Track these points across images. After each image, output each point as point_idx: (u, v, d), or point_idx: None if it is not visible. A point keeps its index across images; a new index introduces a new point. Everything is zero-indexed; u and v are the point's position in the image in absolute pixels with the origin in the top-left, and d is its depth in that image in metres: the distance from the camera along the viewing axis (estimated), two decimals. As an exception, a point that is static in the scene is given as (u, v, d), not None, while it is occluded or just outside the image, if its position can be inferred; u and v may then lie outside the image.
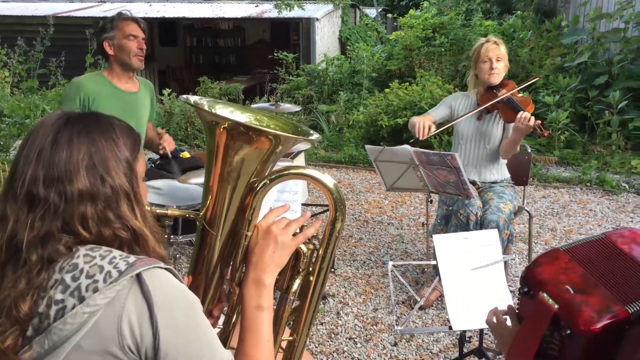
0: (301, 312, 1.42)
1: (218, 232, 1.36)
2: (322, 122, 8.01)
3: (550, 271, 1.31)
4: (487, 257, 2.20)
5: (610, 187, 5.45)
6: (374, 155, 3.30)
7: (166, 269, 1.12)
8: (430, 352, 3.04)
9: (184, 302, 1.11)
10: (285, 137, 1.31)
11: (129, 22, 3.14)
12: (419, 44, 8.60)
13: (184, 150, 4.57)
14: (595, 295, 1.22)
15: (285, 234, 1.30)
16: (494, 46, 3.42)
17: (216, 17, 11.75)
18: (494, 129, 3.50)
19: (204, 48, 14.45)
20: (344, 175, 6.26)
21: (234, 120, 1.29)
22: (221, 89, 9.04)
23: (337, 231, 1.37)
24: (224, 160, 1.31)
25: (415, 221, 4.82)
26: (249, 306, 1.28)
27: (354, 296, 3.62)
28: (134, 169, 1.17)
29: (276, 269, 1.31)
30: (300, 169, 1.36)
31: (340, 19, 12.25)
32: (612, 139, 6.33)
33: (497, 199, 3.35)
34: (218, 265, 1.40)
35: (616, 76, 6.80)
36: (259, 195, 1.33)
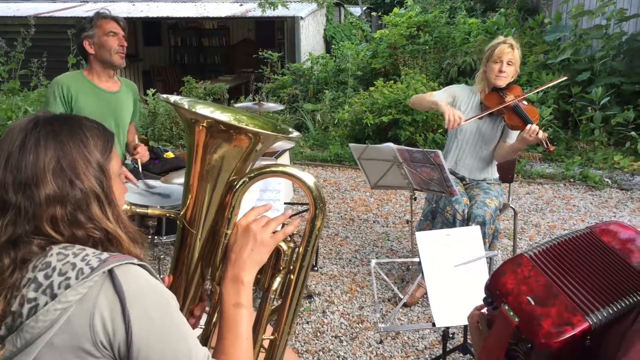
0: (282, 311, 1.42)
1: (198, 231, 1.35)
2: (308, 120, 8.00)
3: (512, 281, 1.30)
4: (470, 253, 2.21)
5: (594, 183, 5.50)
6: (357, 153, 3.30)
7: (140, 265, 1.12)
8: (416, 349, 3.05)
9: (158, 297, 1.10)
10: (264, 134, 1.31)
11: (108, 20, 3.12)
12: (403, 42, 8.62)
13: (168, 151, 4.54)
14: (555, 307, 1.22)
15: (264, 232, 1.30)
16: (509, 50, 3.34)
17: (200, 16, 11.69)
18: (493, 131, 3.49)
19: (188, 48, 14.37)
20: (329, 174, 6.26)
21: (213, 117, 1.28)
22: (206, 88, 9.00)
23: (317, 229, 1.36)
24: (204, 159, 1.30)
25: (400, 219, 4.83)
26: (228, 304, 1.28)
27: (340, 294, 3.61)
28: (106, 170, 1.17)
29: (255, 267, 1.31)
30: (280, 167, 1.35)
31: (325, 18, 12.24)
32: (595, 135, 6.39)
33: (484, 195, 3.37)
34: (199, 265, 1.39)
35: (598, 73, 6.87)
36: (238, 193, 1.32)
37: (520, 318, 1.23)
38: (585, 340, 1.18)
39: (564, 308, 1.21)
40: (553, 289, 1.26)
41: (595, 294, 1.25)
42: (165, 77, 13.16)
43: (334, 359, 3.00)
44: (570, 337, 1.16)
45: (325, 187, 5.79)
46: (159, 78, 13.04)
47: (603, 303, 1.23)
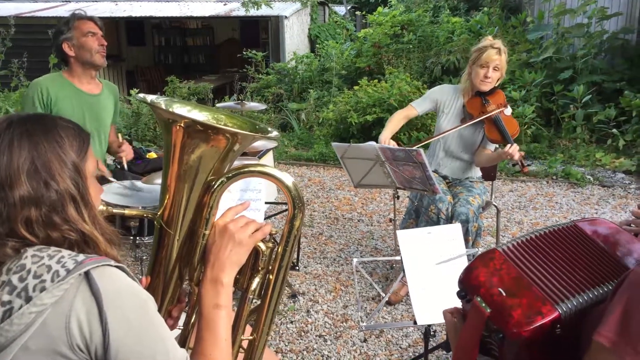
0: (261, 311, 1.41)
1: (176, 231, 1.34)
2: (292, 120, 7.99)
3: (484, 274, 1.33)
4: (451, 251, 2.21)
5: (576, 180, 5.55)
6: (340, 152, 3.30)
7: (117, 267, 1.11)
8: (400, 347, 3.06)
9: (136, 299, 1.09)
10: (242, 134, 1.30)
11: (84, 21, 3.09)
12: (387, 41, 8.65)
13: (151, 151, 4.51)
14: (526, 297, 1.25)
15: (243, 232, 1.29)
16: (497, 55, 3.31)
17: (184, 16, 11.63)
18: (473, 137, 3.50)
19: (172, 47, 14.29)
20: (314, 173, 6.26)
21: (190, 117, 1.27)
22: (190, 88, 8.96)
23: (296, 229, 1.35)
24: (181, 159, 1.29)
25: (385, 217, 4.84)
26: (207, 305, 1.27)
27: (324, 294, 3.61)
28: (82, 171, 1.15)
29: (234, 268, 1.30)
30: (259, 167, 1.34)
31: (309, 17, 12.23)
32: (577, 132, 6.45)
33: (467, 193, 3.39)
34: (177, 266, 1.38)
35: (580, 71, 6.94)
36: (216, 193, 1.31)
37: (492, 309, 1.25)
38: (555, 329, 1.20)
39: (534, 298, 1.24)
40: (524, 280, 1.29)
41: (568, 283, 1.28)
42: (150, 77, 13.07)
43: (318, 358, 3.00)
44: (540, 326, 1.19)
45: (309, 187, 5.79)
46: (143, 78, 12.96)
47: (574, 292, 1.25)
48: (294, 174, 6.25)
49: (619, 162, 5.85)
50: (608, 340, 1.09)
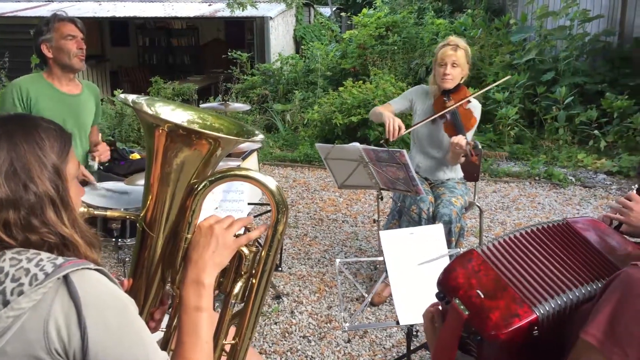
0: (244, 315, 1.40)
1: (159, 233, 1.33)
2: (278, 121, 7.99)
3: (462, 276, 1.34)
4: (434, 251, 2.23)
5: (558, 181, 5.60)
6: (324, 153, 3.31)
7: (97, 270, 1.09)
8: (383, 348, 3.07)
9: (116, 302, 1.08)
10: (225, 139, 1.30)
11: (65, 23, 3.05)
12: (372, 43, 8.67)
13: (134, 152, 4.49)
14: (504, 299, 1.25)
15: (227, 234, 1.29)
16: (452, 52, 3.35)
17: (168, 16, 11.57)
18: (440, 133, 3.53)
19: (157, 48, 14.20)
20: (299, 174, 6.26)
21: (174, 122, 1.26)
22: (174, 89, 8.91)
23: (280, 233, 1.35)
24: (164, 162, 1.29)
25: (369, 218, 4.85)
26: (188, 307, 1.26)
27: (308, 294, 3.61)
28: (62, 173, 1.14)
29: (216, 269, 1.29)
30: (243, 171, 1.34)
31: (294, 18, 12.23)
32: (560, 133, 6.51)
33: (449, 194, 3.41)
34: (159, 267, 1.37)
35: (562, 72, 7.00)
36: (199, 196, 1.30)
37: (470, 311, 1.26)
38: (533, 331, 1.21)
39: (512, 300, 1.25)
40: (502, 281, 1.30)
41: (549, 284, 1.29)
42: (134, 78, 12.99)
43: (302, 359, 3.00)
44: (517, 329, 1.20)
45: (294, 188, 5.79)
46: (127, 78, 12.87)
47: (554, 293, 1.26)
48: (278, 175, 6.25)
49: (601, 163, 5.92)
50: (595, 339, 1.10)
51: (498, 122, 6.71)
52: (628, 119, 6.21)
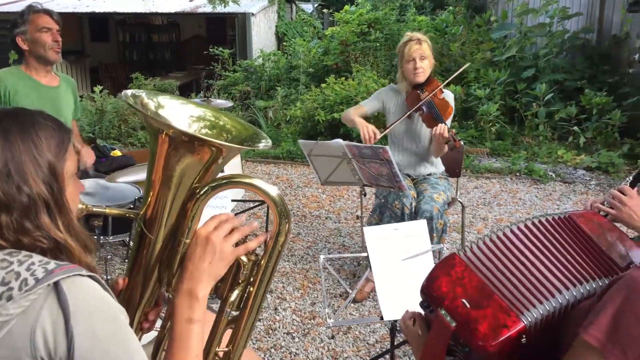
0: (239, 323, 1.37)
1: (159, 232, 1.30)
2: (260, 118, 7.96)
3: (447, 284, 1.31)
4: (417, 247, 2.24)
5: (538, 177, 5.66)
6: (307, 149, 3.31)
7: (89, 277, 1.07)
8: (367, 343, 3.08)
9: (105, 311, 1.05)
10: (230, 147, 1.27)
11: (40, 15, 3.02)
12: (354, 39, 8.68)
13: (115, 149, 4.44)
14: (490, 308, 1.23)
15: (225, 244, 1.24)
16: (417, 46, 3.41)
17: (149, 12, 11.47)
18: (422, 128, 3.55)
19: (137, 44, 14.08)
20: (282, 171, 6.25)
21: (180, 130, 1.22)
22: (155, 85, 8.84)
23: (281, 245, 1.32)
24: (166, 165, 1.26)
25: (352, 214, 4.86)
26: (180, 318, 1.23)
27: (292, 291, 3.62)
28: (58, 173, 1.10)
29: (212, 281, 1.26)
30: (245, 179, 1.30)
31: (276, 14, 12.19)
32: (540, 130, 6.58)
33: (431, 190, 3.43)
34: (156, 267, 1.34)
35: (542, 69, 7.08)
36: (200, 201, 1.27)
37: (457, 322, 1.24)
38: (521, 339, 1.20)
39: (498, 308, 1.23)
40: (487, 289, 1.27)
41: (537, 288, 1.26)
42: (114, 74, 12.86)
43: (286, 355, 3.00)
44: (506, 339, 1.19)
45: (277, 185, 5.78)
46: (107, 75, 12.74)
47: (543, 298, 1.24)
48: (261, 171, 6.24)
49: (580, 159, 5.99)
50: (597, 340, 1.09)
51: (479, 119, 6.76)
52: (607, 116, 6.29)
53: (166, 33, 14.01)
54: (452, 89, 6.82)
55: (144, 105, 1.30)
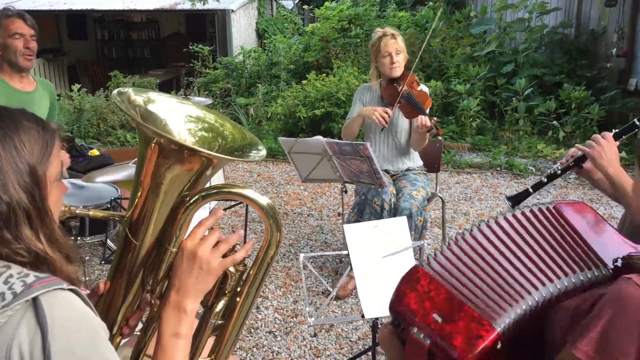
0: (224, 332, 1.35)
1: (145, 237, 1.28)
2: (241, 115, 7.92)
3: (415, 300, 1.29)
4: (397, 244, 2.23)
5: (519, 171, 5.70)
6: (287, 147, 3.29)
7: (70, 290, 1.03)
8: (350, 341, 3.07)
9: (85, 327, 1.02)
10: (219, 158, 1.25)
11: (13, 19, 2.90)
12: (335, 36, 8.67)
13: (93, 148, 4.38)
14: (462, 320, 1.22)
15: (212, 258, 1.22)
16: (393, 40, 3.44)
17: (127, 9, 11.34)
18: (399, 121, 3.56)
19: (116, 41, 13.91)
20: (263, 168, 6.22)
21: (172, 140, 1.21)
22: (134, 83, 8.74)
23: (270, 257, 1.30)
24: (155, 172, 1.23)
25: (334, 211, 4.86)
26: (166, 333, 1.21)
27: (274, 289, 3.60)
28: (40, 179, 1.06)
29: (199, 296, 1.24)
30: (236, 189, 1.28)
31: (256, 11, 12.13)
32: (520, 124, 6.62)
33: (410, 187, 3.43)
34: (140, 272, 1.32)
35: (522, 64, 7.12)
36: (189, 210, 1.24)
37: (431, 339, 1.22)
38: (497, 346, 1.20)
39: (471, 319, 1.21)
40: (456, 299, 1.25)
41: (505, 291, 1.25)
42: (93, 72, 12.70)
43: (268, 354, 2.98)
44: (483, 349, 1.18)
45: (259, 182, 5.75)
46: (86, 73, 12.58)
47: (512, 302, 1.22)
48: (242, 169, 6.20)
49: (560, 153, 6.04)
50: (587, 356, 1.10)
51: (460, 114, 6.79)
52: (585, 110, 6.35)
53: (145, 30, 13.85)
54: (432, 84, 6.84)
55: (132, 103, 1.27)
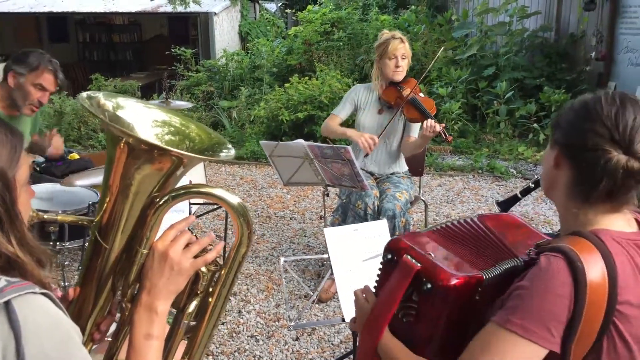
0: (196, 334, 1.34)
1: (115, 241, 1.26)
2: (224, 118, 7.89)
3: (414, 241, 1.35)
4: (378, 247, 2.23)
5: (500, 174, 5.75)
6: (268, 150, 3.28)
7: (43, 294, 1.02)
8: (332, 344, 3.07)
9: (58, 331, 1.02)
10: (189, 157, 1.24)
11: (48, 72, 2.87)
12: (318, 39, 8.68)
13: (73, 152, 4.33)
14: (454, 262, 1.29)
15: (183, 259, 1.21)
16: (401, 44, 3.46)
17: (109, 11, 11.26)
18: (394, 124, 3.56)
19: (98, 44, 13.80)
20: (246, 172, 6.20)
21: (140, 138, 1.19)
22: (116, 86, 8.66)
23: (242, 255, 1.29)
24: (125, 173, 1.22)
25: (317, 214, 4.86)
26: (138, 334, 1.20)
27: (256, 293, 3.58)
28: (9, 184, 1.05)
29: (171, 296, 1.23)
30: (206, 188, 1.27)
31: (239, 14, 12.11)
32: (501, 127, 6.68)
33: (394, 189, 3.45)
34: (110, 277, 1.30)
35: (502, 68, 7.19)
36: (159, 211, 1.23)
37: (422, 264, 1.26)
38: (477, 291, 1.23)
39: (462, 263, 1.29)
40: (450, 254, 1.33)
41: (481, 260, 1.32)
42: (74, 75, 12.56)
43: (250, 359, 2.97)
44: (466, 283, 1.21)
45: (241, 185, 5.73)
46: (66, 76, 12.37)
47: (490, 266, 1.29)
48: (225, 172, 6.18)
49: (540, 156, 6.10)
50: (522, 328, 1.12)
51: (442, 117, 6.83)
52: (565, 110, 6.42)
53: (127, 33, 13.77)
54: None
55: (101, 107, 1.26)
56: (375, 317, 1.34)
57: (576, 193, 1.21)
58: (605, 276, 1.12)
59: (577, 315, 1.10)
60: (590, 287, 1.10)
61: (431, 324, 1.26)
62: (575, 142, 1.20)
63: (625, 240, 1.18)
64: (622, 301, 1.12)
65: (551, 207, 4.89)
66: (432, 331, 1.26)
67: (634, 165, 1.13)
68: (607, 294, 1.11)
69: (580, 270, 1.10)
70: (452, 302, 1.23)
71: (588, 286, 1.10)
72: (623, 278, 1.12)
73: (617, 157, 1.13)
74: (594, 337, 1.12)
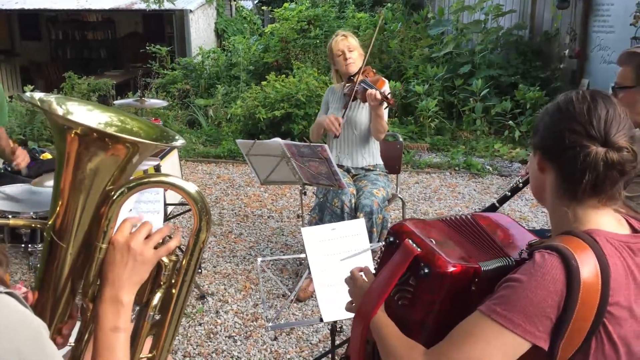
0: (162, 327, 1.33)
1: (69, 243, 1.23)
2: (200, 116, 7.82)
3: (417, 227, 1.37)
4: (355, 246, 2.23)
5: (476, 171, 5.78)
6: (245, 149, 3.25)
7: (7, 293, 1.01)
8: (310, 343, 3.06)
9: (27, 329, 1.00)
10: (144, 144, 1.21)
11: None
12: (294, 36, 8.64)
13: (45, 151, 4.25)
14: (454, 251, 1.30)
15: (145, 248, 1.21)
16: (342, 38, 3.58)
17: (82, 8, 11.08)
18: (359, 114, 3.61)
19: (71, 42, 13.56)
20: (223, 170, 6.16)
21: (87, 125, 1.16)
22: (90, 84, 8.52)
23: (202, 242, 1.28)
24: (76, 167, 1.18)
25: (295, 213, 4.84)
26: (105, 327, 1.18)
27: (234, 293, 3.56)
28: None
29: (135, 287, 1.22)
30: (161, 177, 1.27)
31: (215, 11, 12.00)
32: (477, 124, 6.73)
33: (371, 186, 3.45)
34: (69, 279, 1.27)
35: (478, 65, 7.23)
36: (115, 204, 1.21)
37: (422, 249, 1.28)
38: (474, 281, 1.25)
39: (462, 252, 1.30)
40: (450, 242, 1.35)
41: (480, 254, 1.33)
42: (47, 73, 12.36)
43: (228, 359, 2.94)
44: (463, 272, 1.23)
45: (218, 184, 5.69)
46: (39, 74, 12.22)
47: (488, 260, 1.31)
48: (202, 171, 6.13)
49: (516, 152, 6.16)
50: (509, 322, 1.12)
51: (419, 115, 6.86)
52: (540, 110, 6.47)
53: (101, 30, 13.54)
54: (391, 85, 6.87)
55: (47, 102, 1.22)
56: (372, 292, 1.36)
57: (563, 192, 1.23)
58: (599, 276, 1.12)
59: (568, 313, 1.10)
60: (583, 286, 1.10)
61: (425, 309, 1.28)
62: (554, 143, 1.21)
63: (618, 242, 1.18)
64: (613, 302, 1.12)
65: (527, 204, 4.94)
66: (425, 316, 1.28)
67: (613, 156, 1.15)
68: (599, 294, 1.12)
69: (575, 269, 1.11)
70: (447, 289, 1.24)
71: (581, 285, 1.10)
72: (615, 279, 1.13)
73: (596, 150, 1.15)
74: (583, 337, 1.13)
